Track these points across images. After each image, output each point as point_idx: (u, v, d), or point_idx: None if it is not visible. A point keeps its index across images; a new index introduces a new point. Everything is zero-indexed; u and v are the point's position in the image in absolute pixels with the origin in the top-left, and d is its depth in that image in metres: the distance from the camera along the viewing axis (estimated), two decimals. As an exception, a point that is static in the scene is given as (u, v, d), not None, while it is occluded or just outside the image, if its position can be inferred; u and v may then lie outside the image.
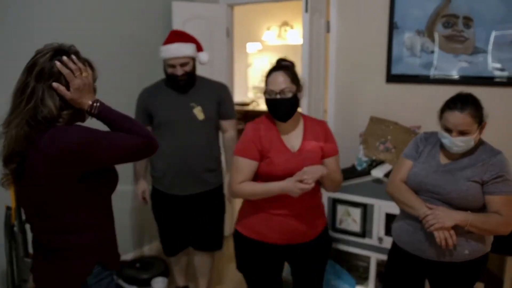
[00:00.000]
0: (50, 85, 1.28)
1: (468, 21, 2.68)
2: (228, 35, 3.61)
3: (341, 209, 2.80)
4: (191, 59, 2.43)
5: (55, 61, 1.29)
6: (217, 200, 2.66)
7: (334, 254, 2.85)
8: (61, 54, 1.31)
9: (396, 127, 2.79)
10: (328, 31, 3.13)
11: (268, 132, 1.92)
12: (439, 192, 1.79)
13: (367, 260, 2.82)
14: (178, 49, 2.38)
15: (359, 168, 2.77)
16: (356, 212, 2.74)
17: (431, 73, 2.85)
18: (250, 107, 6.79)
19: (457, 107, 1.72)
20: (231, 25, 3.66)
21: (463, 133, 1.72)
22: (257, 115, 7.08)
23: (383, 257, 2.68)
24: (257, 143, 1.89)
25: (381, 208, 2.62)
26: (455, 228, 1.72)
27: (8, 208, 1.87)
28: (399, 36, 2.90)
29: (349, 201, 2.76)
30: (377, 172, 2.62)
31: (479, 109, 1.73)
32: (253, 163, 1.89)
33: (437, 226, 1.70)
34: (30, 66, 1.30)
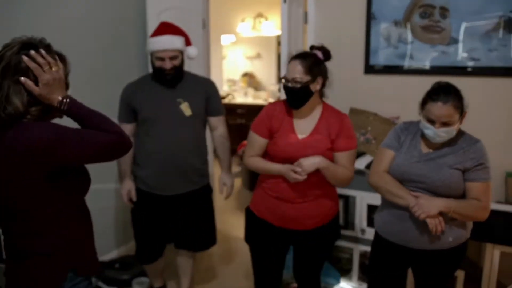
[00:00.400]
0: (16, 80, 1.21)
1: (444, 11, 2.70)
2: (204, 27, 3.53)
3: (322, 201, 2.79)
4: (180, 52, 2.34)
5: (22, 55, 1.22)
6: (205, 199, 2.58)
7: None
8: (29, 47, 1.24)
9: (375, 118, 2.80)
10: (306, 22, 3.10)
11: (282, 113, 1.99)
12: (423, 181, 1.80)
13: (350, 251, 2.83)
14: (170, 41, 2.29)
15: (340, 160, 2.76)
16: (338, 204, 2.74)
17: (409, 64, 2.86)
18: (225, 100, 6.71)
19: (440, 99, 1.72)
20: (207, 17, 3.59)
21: (446, 124, 1.73)
22: (233, 109, 6.98)
23: (366, 249, 2.69)
24: (268, 122, 1.98)
25: (363, 199, 2.63)
26: (440, 215, 1.74)
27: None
28: (376, 26, 2.91)
29: (330, 193, 2.75)
30: (359, 163, 2.62)
31: (460, 99, 1.75)
32: (262, 140, 1.99)
33: (423, 215, 1.72)
34: None
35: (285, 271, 2.29)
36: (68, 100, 1.29)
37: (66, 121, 1.32)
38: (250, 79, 7.06)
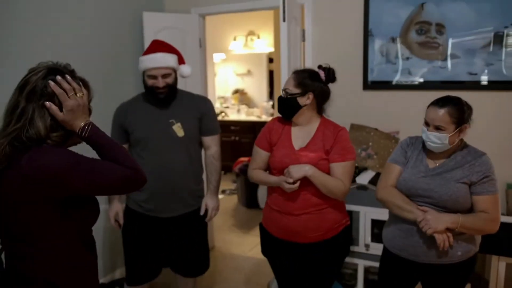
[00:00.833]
0: (42, 105, 1.21)
1: (440, 27, 2.76)
2: (200, 46, 3.55)
3: (326, 217, 2.78)
4: (173, 70, 2.30)
5: (48, 80, 1.23)
6: (200, 221, 2.47)
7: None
8: (55, 73, 1.25)
9: (376, 133, 2.82)
10: (303, 39, 3.14)
11: (280, 126, 2.07)
12: (431, 195, 1.82)
13: (354, 267, 2.82)
14: (162, 59, 2.24)
15: (342, 175, 2.77)
16: (341, 220, 2.73)
17: (407, 79, 2.91)
18: (219, 117, 6.71)
19: (438, 104, 1.79)
20: (203, 36, 3.61)
21: (438, 129, 1.77)
22: (227, 126, 7.00)
23: (370, 264, 2.69)
24: (268, 136, 2.07)
25: (367, 214, 2.63)
26: (448, 230, 1.75)
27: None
28: (374, 43, 2.95)
29: (334, 209, 2.74)
30: (362, 179, 2.63)
31: (459, 110, 1.78)
32: (264, 153, 2.08)
33: (430, 231, 1.73)
34: (21, 85, 1.24)
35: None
36: (89, 127, 1.29)
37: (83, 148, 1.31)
38: (241, 96, 7.11)
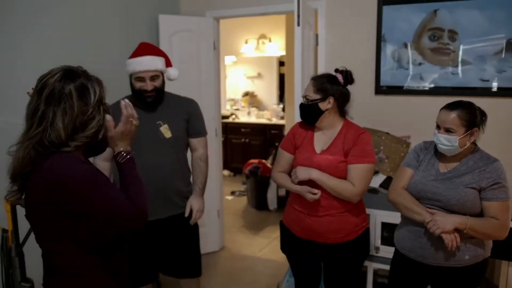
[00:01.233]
0: (63, 109, 1.24)
1: (453, 34, 2.79)
2: (214, 48, 3.61)
3: (336, 220, 2.81)
4: (161, 73, 2.28)
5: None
6: (188, 223, 2.40)
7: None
8: (70, 74, 1.28)
9: (388, 137, 2.85)
10: (316, 44, 3.18)
11: (304, 130, 2.11)
12: (439, 199, 1.85)
13: (363, 269, 2.84)
14: (151, 62, 2.21)
15: (353, 178, 2.80)
16: (352, 222, 2.75)
17: (419, 85, 2.94)
18: (229, 119, 6.78)
19: (449, 107, 1.84)
20: (217, 39, 3.67)
21: (448, 131, 1.81)
22: (238, 128, 7.06)
23: (380, 266, 2.71)
24: (292, 138, 2.13)
25: (377, 217, 2.66)
26: (457, 232, 1.77)
27: (4, 230, 1.78)
28: (386, 48, 2.99)
29: (344, 212, 2.77)
30: (373, 182, 2.65)
31: (470, 113, 1.81)
32: (288, 156, 2.13)
33: (438, 231, 1.76)
34: (40, 88, 1.26)
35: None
36: (128, 156, 1.38)
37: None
38: (251, 98, 7.16)
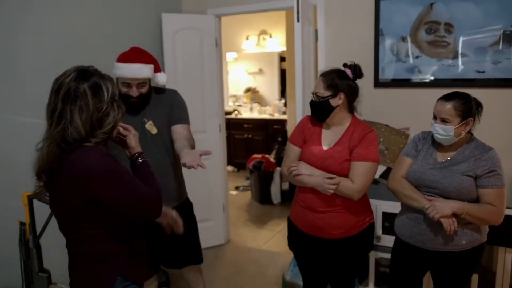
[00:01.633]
0: (80, 107, 1.31)
1: (449, 27, 2.85)
2: (216, 45, 3.68)
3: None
4: (148, 80, 2.26)
5: (81, 84, 1.32)
6: (186, 214, 2.38)
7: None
8: (83, 74, 1.34)
9: (387, 129, 2.92)
10: (316, 39, 3.25)
11: (313, 125, 2.12)
12: (436, 187, 1.92)
13: (365, 258, 2.92)
14: (139, 70, 2.18)
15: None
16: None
17: (416, 77, 3.00)
18: (232, 115, 6.85)
19: (445, 98, 1.92)
20: (219, 36, 3.74)
21: (444, 121, 1.89)
22: (240, 124, 7.09)
23: (381, 255, 2.79)
24: (301, 133, 2.13)
25: (378, 207, 2.73)
26: (454, 217, 1.85)
27: (22, 223, 1.87)
28: (384, 42, 3.05)
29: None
30: (373, 173, 2.72)
31: (466, 104, 1.88)
32: (297, 149, 2.12)
33: (437, 216, 1.83)
34: (56, 88, 1.33)
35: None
36: (145, 157, 1.55)
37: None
38: (253, 94, 7.22)
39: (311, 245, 2.15)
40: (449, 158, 1.95)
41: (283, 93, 6.92)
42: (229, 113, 6.78)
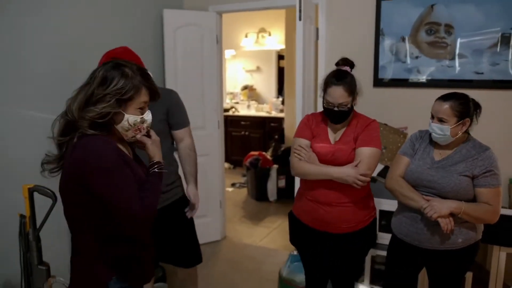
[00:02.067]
0: (85, 86, 1.37)
1: (449, 28, 2.88)
2: (217, 42, 3.69)
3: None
4: None
5: (103, 71, 1.37)
6: (181, 212, 2.43)
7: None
8: (113, 65, 1.39)
9: (386, 128, 2.95)
10: (317, 38, 3.26)
11: (317, 123, 2.16)
12: (434, 187, 1.95)
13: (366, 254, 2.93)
14: None
15: (352, 168, 2.89)
16: (351, 210, 2.84)
17: (416, 77, 3.03)
18: (229, 112, 6.85)
19: (443, 98, 1.94)
20: (220, 33, 3.74)
21: (441, 121, 1.91)
22: (237, 121, 7.08)
23: (377, 253, 2.81)
24: (309, 127, 2.16)
25: (376, 205, 2.74)
26: (451, 216, 1.88)
27: (22, 216, 1.87)
28: (385, 42, 3.08)
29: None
30: (371, 171, 2.75)
31: (463, 105, 1.91)
32: (308, 142, 2.13)
33: (435, 215, 1.86)
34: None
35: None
36: (161, 169, 1.52)
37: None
38: (250, 92, 7.23)
39: (316, 240, 2.18)
40: (446, 156, 1.98)
41: (280, 91, 6.94)
42: (227, 110, 6.79)
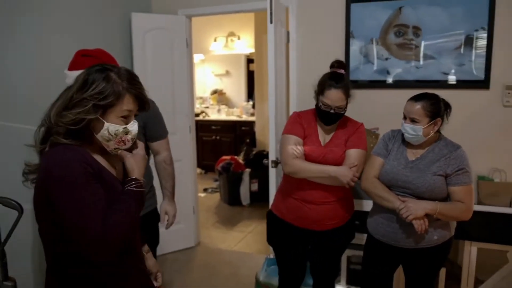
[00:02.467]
0: (81, 99, 1.23)
1: (417, 30, 2.95)
2: (187, 46, 3.64)
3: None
4: None
5: (86, 74, 1.28)
6: (151, 224, 2.35)
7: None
8: (102, 70, 1.29)
9: (358, 129, 2.98)
10: (288, 41, 3.27)
11: (308, 122, 2.17)
12: (409, 187, 1.98)
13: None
14: None
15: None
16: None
17: (386, 79, 3.08)
18: (200, 117, 6.78)
19: (415, 98, 1.98)
20: (190, 36, 3.69)
21: (414, 121, 1.95)
22: (208, 126, 7.01)
23: (353, 253, 2.83)
24: (300, 124, 2.15)
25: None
26: (426, 216, 1.91)
27: (-14, 229, 1.76)
28: (355, 44, 3.11)
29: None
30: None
31: (434, 105, 1.95)
32: (300, 140, 2.12)
33: (411, 217, 1.88)
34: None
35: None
36: (138, 189, 1.31)
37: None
38: (219, 96, 7.19)
39: (298, 238, 2.20)
40: (420, 156, 2.01)
41: (250, 95, 6.93)
42: (197, 115, 6.71)
